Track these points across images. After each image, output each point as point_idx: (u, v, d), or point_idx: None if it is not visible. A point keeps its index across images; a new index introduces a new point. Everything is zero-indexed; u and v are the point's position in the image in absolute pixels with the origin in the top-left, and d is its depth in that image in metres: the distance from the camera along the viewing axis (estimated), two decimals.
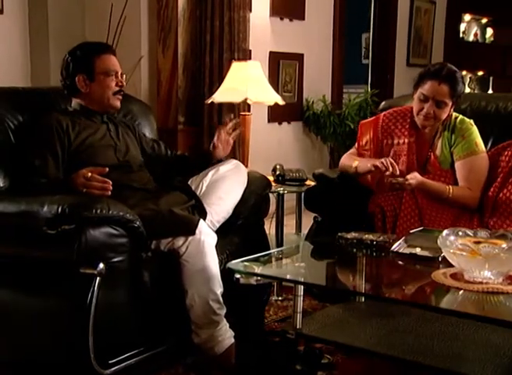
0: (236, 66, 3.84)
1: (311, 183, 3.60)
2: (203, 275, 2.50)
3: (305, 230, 4.24)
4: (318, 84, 5.96)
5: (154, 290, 2.47)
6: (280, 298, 3.44)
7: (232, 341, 2.58)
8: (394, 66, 7.02)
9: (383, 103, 3.69)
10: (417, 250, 2.41)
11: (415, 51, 7.33)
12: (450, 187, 2.96)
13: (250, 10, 4.80)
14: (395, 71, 7.04)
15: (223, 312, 2.57)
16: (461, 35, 8.88)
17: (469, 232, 2.23)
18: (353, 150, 3.31)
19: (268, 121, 5.45)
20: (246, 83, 3.68)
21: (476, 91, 9.25)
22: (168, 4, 4.39)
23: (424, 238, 2.56)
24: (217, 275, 2.53)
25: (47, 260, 2.27)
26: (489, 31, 9.72)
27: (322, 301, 3.30)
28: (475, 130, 3.06)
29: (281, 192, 3.51)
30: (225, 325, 2.58)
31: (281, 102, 3.84)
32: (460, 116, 3.11)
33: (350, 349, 2.36)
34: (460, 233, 2.21)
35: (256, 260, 2.45)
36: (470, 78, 9.14)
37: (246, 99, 3.68)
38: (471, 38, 9.39)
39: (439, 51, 7.81)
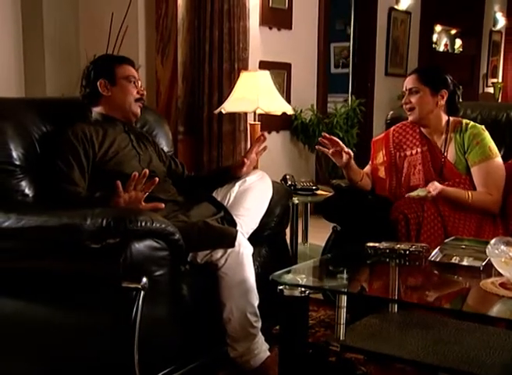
0: (245, 76, 3.82)
1: (322, 192, 3.61)
2: (241, 287, 2.46)
3: (311, 240, 4.27)
4: (304, 93, 5.97)
5: (193, 303, 2.43)
6: None
7: (268, 353, 2.55)
8: (374, 76, 7.08)
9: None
10: (457, 259, 2.42)
11: (393, 61, 7.42)
12: (470, 192, 2.98)
13: None
14: (375, 80, 7.12)
15: (259, 324, 2.54)
16: (433, 45, 9.03)
17: None
18: (367, 167, 3.35)
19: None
20: (256, 92, 3.66)
21: None
22: (167, 13, 4.34)
23: (459, 247, 2.56)
24: (254, 287, 2.50)
25: (88, 275, 2.20)
26: (458, 42, 9.93)
27: None
28: (487, 135, 3.10)
29: (295, 202, 3.49)
30: (260, 338, 2.55)
31: (290, 112, 3.84)
32: (472, 122, 3.16)
33: (400, 361, 2.33)
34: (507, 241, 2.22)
35: (295, 271, 2.44)
36: None
37: (257, 109, 3.65)
38: (442, 48, 9.58)
39: (414, 60, 7.92)
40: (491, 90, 10.44)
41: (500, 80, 10.77)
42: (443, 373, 2.38)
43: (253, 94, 3.68)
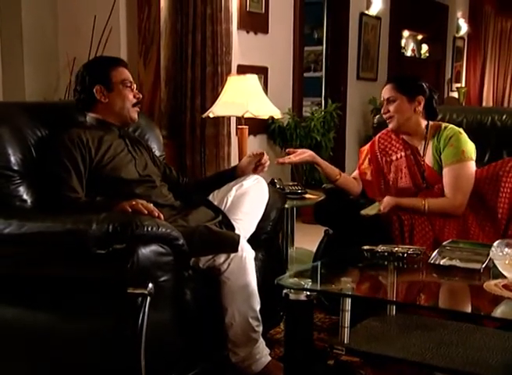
0: (233, 80, 3.81)
1: (310, 196, 3.62)
2: (244, 292, 2.46)
3: (297, 244, 4.29)
4: (280, 97, 5.96)
5: (196, 308, 2.41)
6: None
7: (269, 358, 2.55)
8: (347, 80, 7.13)
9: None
10: (457, 262, 2.45)
11: (364, 66, 7.47)
12: (426, 201, 3.03)
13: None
14: (348, 84, 7.16)
15: (261, 329, 2.54)
16: (402, 50, 9.12)
17: None
18: (355, 173, 3.40)
19: (236, 134, 5.41)
20: (246, 96, 3.66)
21: None
22: (149, 16, 4.30)
23: (457, 249, 2.60)
24: (256, 292, 2.50)
25: (94, 281, 2.17)
26: (424, 47, 10.05)
27: (330, 314, 3.31)
28: (463, 137, 3.12)
29: (287, 206, 3.48)
30: (262, 342, 2.55)
31: (279, 116, 3.86)
32: (450, 125, 3.21)
33: (406, 363, 2.34)
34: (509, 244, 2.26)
35: (298, 275, 2.43)
36: None
37: (246, 113, 3.65)
38: (410, 53, 9.68)
39: (384, 65, 8.00)
40: (455, 94, 10.59)
41: (464, 84, 10.93)
42: (439, 374, 2.41)
43: (242, 98, 3.67)
